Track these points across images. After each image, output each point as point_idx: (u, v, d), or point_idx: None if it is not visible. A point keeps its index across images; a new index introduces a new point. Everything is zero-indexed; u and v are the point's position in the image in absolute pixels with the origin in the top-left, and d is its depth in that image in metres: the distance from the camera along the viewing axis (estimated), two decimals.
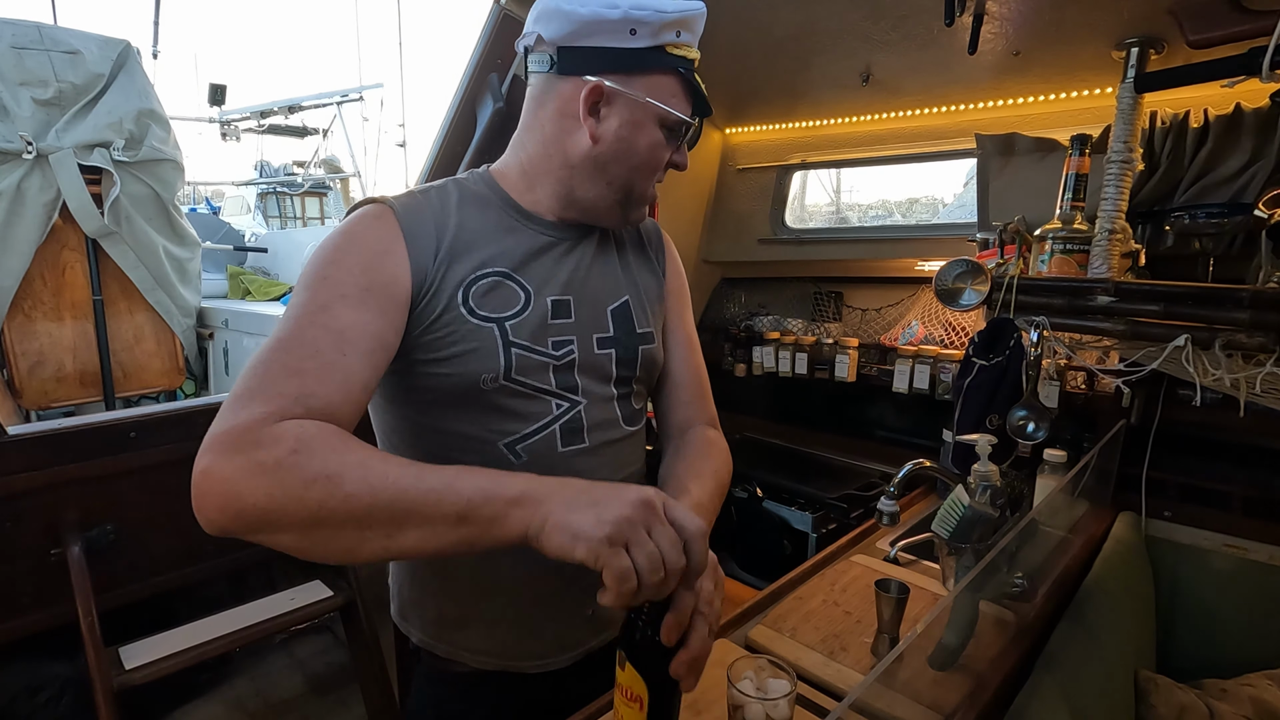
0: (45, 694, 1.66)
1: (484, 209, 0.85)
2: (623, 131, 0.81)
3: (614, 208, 0.87)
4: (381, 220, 0.77)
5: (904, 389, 1.98)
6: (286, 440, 0.59)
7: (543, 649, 0.89)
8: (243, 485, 0.58)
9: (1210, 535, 1.51)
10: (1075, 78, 1.59)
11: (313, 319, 0.68)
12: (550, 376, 0.82)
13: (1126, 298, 1.22)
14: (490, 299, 0.79)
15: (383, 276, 0.74)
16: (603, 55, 0.79)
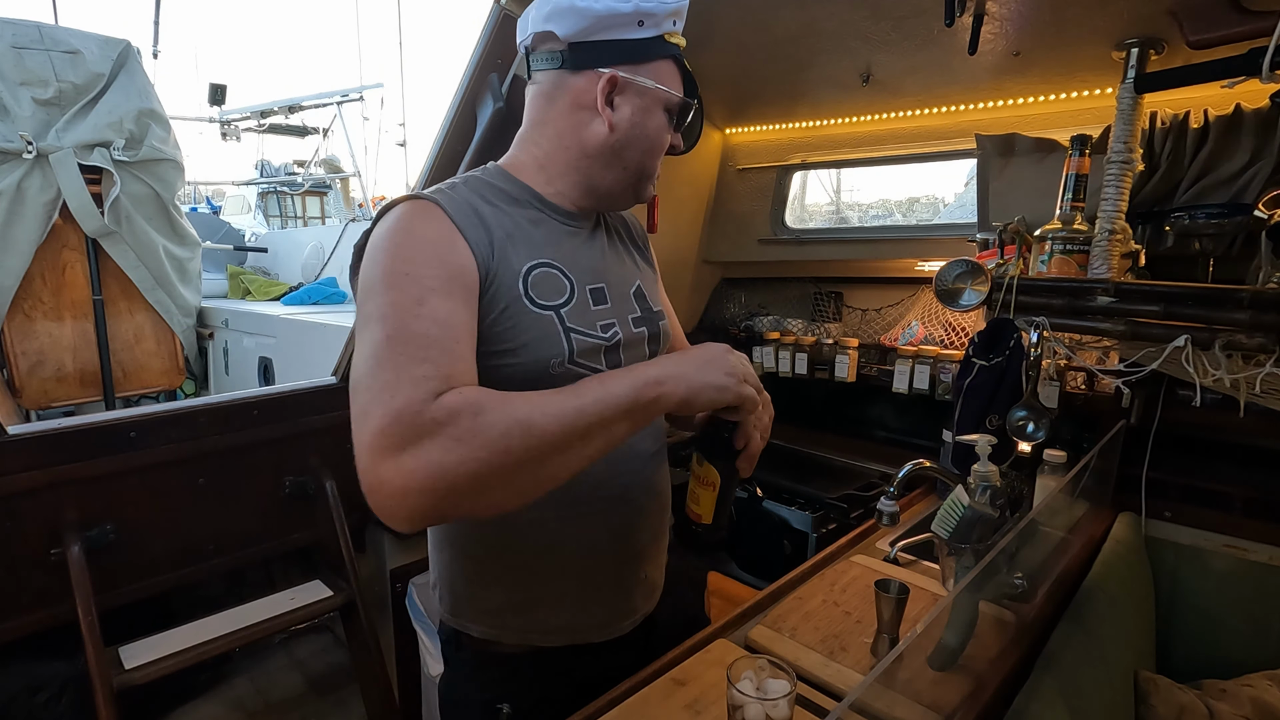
0: (45, 693, 1.66)
1: (514, 203, 0.87)
2: (635, 118, 0.86)
3: (628, 190, 0.92)
4: (433, 215, 0.79)
5: (904, 389, 1.98)
6: (462, 408, 0.63)
7: (605, 618, 0.95)
8: (447, 463, 0.61)
9: (1210, 536, 1.51)
10: (1075, 78, 1.59)
11: (414, 313, 0.70)
12: (602, 358, 0.88)
13: (1126, 298, 1.22)
14: (544, 289, 0.84)
15: (455, 268, 0.76)
16: (616, 47, 0.84)
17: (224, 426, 1.65)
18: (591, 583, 0.92)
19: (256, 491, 1.75)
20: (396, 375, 0.65)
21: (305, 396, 1.78)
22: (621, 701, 0.91)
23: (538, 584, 0.91)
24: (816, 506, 1.94)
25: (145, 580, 1.60)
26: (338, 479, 1.80)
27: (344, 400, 0.68)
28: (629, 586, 0.96)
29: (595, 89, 0.84)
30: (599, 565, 0.92)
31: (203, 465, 1.64)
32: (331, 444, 1.84)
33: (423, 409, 0.62)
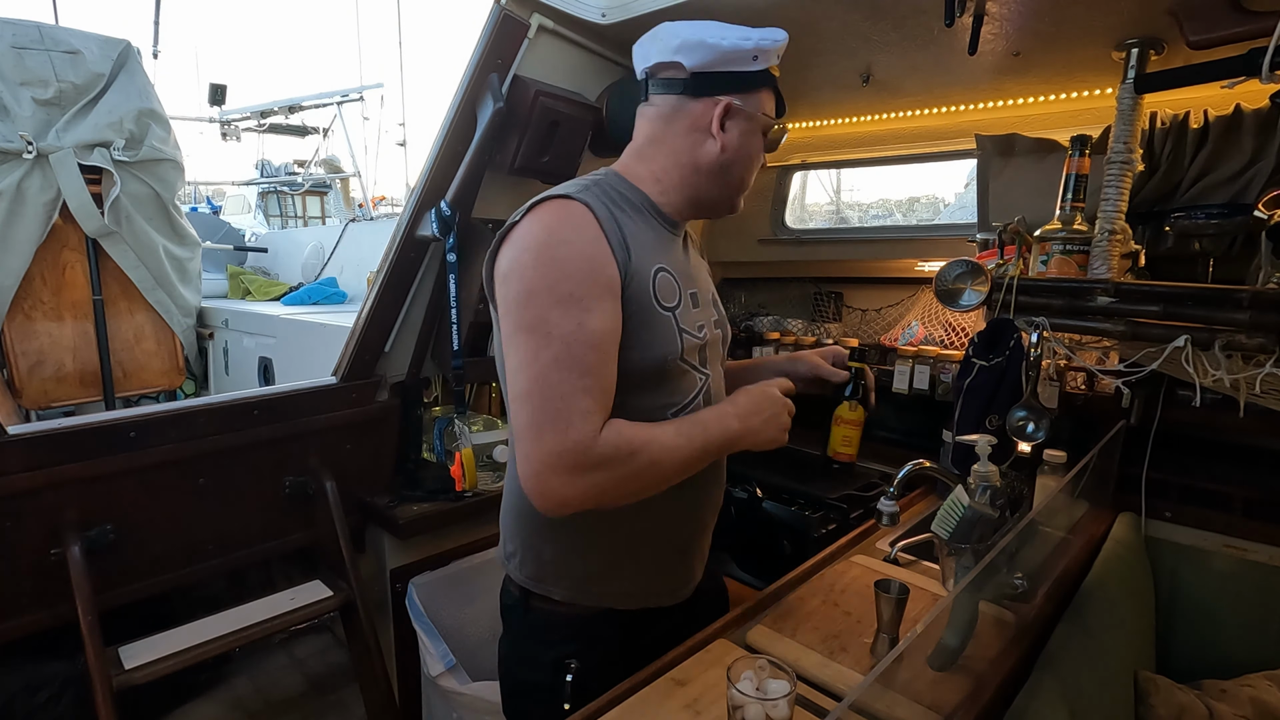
0: (45, 693, 1.66)
1: (637, 211, 0.97)
2: (742, 140, 0.99)
3: (727, 202, 1.04)
4: (585, 222, 0.89)
5: (904, 389, 1.98)
6: (622, 452, 0.83)
7: (674, 585, 1.07)
8: (605, 490, 0.84)
9: (1210, 536, 1.51)
10: (1075, 78, 1.59)
11: (574, 338, 0.84)
12: (697, 355, 1.00)
13: (1126, 298, 1.22)
14: (665, 292, 0.95)
15: (604, 278, 0.87)
16: (733, 78, 0.97)
17: (224, 426, 1.65)
18: (664, 553, 1.05)
19: (256, 492, 1.75)
20: (567, 406, 0.82)
21: (305, 396, 1.78)
22: (621, 701, 0.91)
23: (619, 555, 1.01)
24: (817, 506, 1.94)
25: (145, 580, 1.60)
26: (338, 479, 1.80)
27: (344, 400, 0.69)
28: (693, 557, 1.09)
29: (712, 113, 0.96)
30: (673, 538, 1.05)
31: (203, 465, 1.64)
32: (331, 444, 1.83)
33: (590, 446, 0.81)
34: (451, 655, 1.66)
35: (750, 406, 0.95)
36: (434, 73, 20.33)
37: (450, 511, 1.84)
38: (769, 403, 0.97)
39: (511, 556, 1.06)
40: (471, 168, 1.61)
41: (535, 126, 1.60)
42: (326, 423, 1.81)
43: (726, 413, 0.94)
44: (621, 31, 1.54)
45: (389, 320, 1.83)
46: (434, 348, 1.94)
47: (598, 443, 0.81)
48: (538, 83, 1.59)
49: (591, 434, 0.81)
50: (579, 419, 0.81)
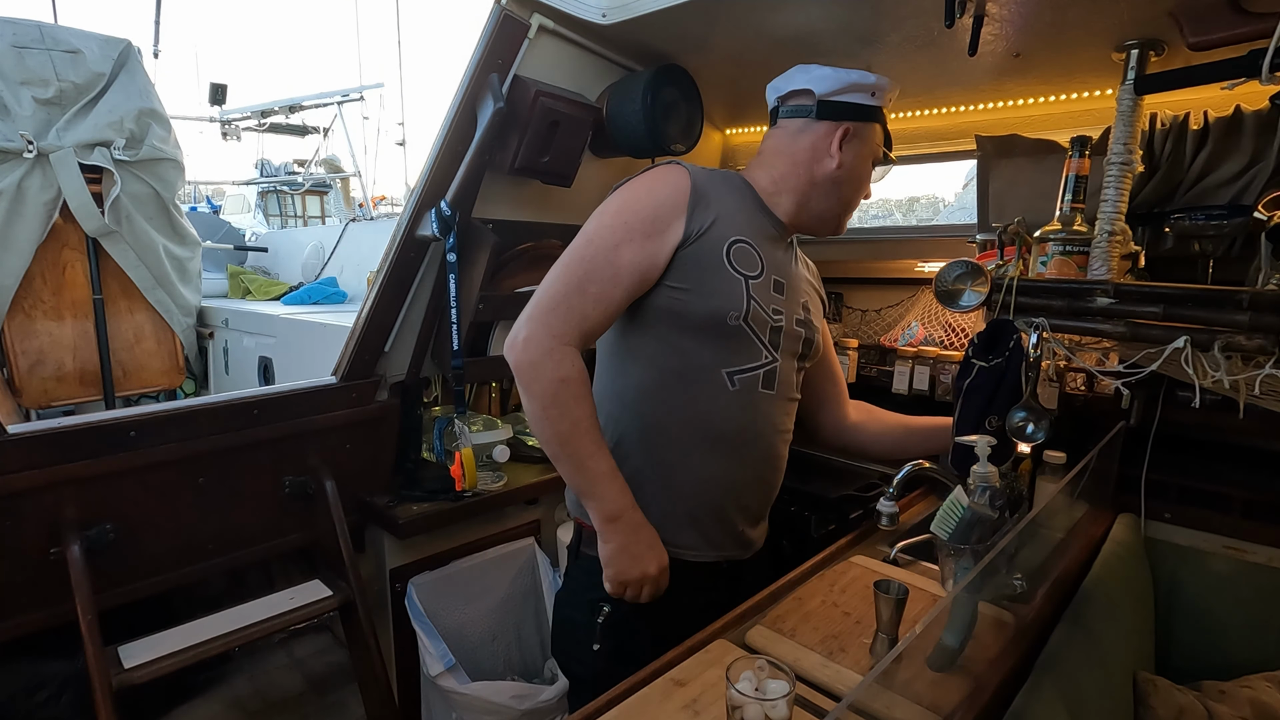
0: (44, 692, 1.66)
1: (742, 198, 1.15)
2: (855, 162, 1.16)
3: (835, 217, 1.19)
4: (679, 176, 1.07)
5: (904, 390, 1.98)
6: (564, 367, 0.99)
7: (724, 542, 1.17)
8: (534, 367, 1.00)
9: (1210, 537, 1.51)
10: (1075, 79, 1.59)
11: (603, 254, 1.02)
12: (768, 332, 1.11)
13: (1126, 299, 1.22)
14: (742, 260, 1.08)
15: (663, 224, 1.04)
16: (854, 108, 1.15)
17: (224, 426, 1.65)
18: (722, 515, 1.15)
19: (256, 491, 1.75)
20: (567, 293, 1.01)
21: (305, 396, 1.78)
22: (621, 701, 0.91)
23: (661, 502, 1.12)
24: (816, 507, 1.94)
25: (145, 579, 1.60)
26: (338, 479, 1.80)
27: (344, 400, 0.70)
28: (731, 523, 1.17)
29: (834, 135, 1.14)
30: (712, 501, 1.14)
31: (203, 465, 1.64)
32: (331, 444, 1.84)
33: (557, 339, 0.99)
34: (451, 655, 1.66)
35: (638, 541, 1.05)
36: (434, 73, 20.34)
37: (450, 511, 1.84)
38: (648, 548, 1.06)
39: (569, 492, 1.19)
40: (471, 168, 1.61)
41: (535, 127, 1.60)
42: (326, 422, 1.81)
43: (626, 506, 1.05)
44: (622, 31, 1.54)
45: (389, 320, 1.83)
46: (434, 348, 1.94)
47: (560, 346, 0.99)
48: (538, 83, 1.59)
49: (564, 331, 0.99)
50: (564, 312, 1.00)
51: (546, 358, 0.99)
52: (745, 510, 1.18)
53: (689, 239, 1.05)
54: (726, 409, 1.10)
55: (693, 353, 1.07)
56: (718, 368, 1.08)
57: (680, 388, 1.08)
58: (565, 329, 0.99)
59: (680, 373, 1.08)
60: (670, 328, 1.07)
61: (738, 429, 1.12)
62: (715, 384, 1.08)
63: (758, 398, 1.12)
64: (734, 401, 1.09)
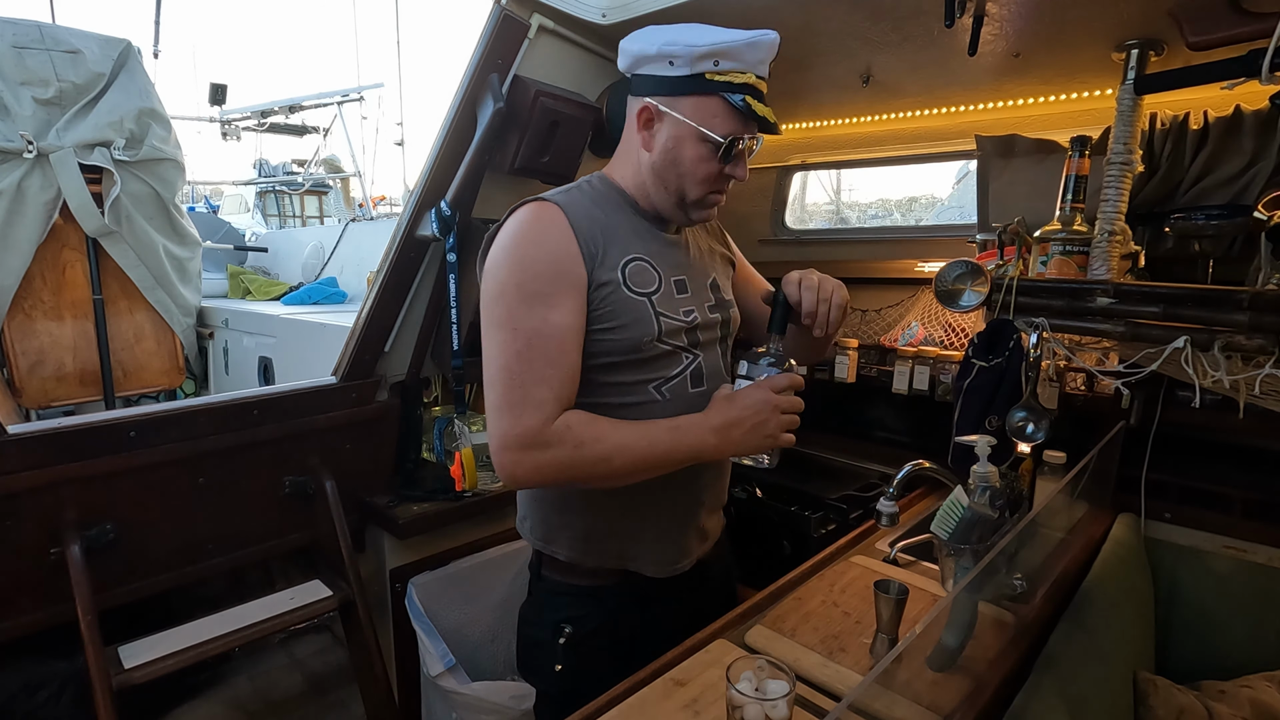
0: (44, 692, 1.66)
1: (617, 209, 1.05)
2: (668, 145, 0.99)
3: (675, 209, 1.05)
4: (556, 221, 0.97)
5: (904, 390, 1.98)
6: (569, 440, 0.91)
7: (670, 556, 1.10)
8: (545, 472, 0.92)
9: (1209, 537, 1.51)
10: (1075, 79, 1.59)
11: (538, 332, 0.93)
12: (683, 336, 1.05)
13: (1126, 299, 1.22)
14: (639, 279, 1.01)
15: (570, 275, 0.95)
16: (651, 81, 0.99)
17: (224, 426, 1.65)
18: (664, 522, 1.09)
19: (256, 491, 1.75)
20: (524, 394, 0.91)
21: (305, 396, 1.78)
22: (621, 701, 0.92)
23: (617, 517, 1.07)
24: (816, 507, 1.94)
25: (145, 580, 1.60)
26: (337, 479, 1.80)
27: (344, 400, 0.70)
28: (689, 532, 1.12)
29: (638, 117, 1.01)
30: (670, 509, 1.09)
31: (202, 465, 1.64)
32: (331, 444, 1.83)
33: (540, 431, 0.90)
34: (451, 655, 1.66)
35: (731, 417, 0.95)
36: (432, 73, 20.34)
37: (450, 511, 1.84)
38: (753, 412, 0.95)
39: (524, 520, 1.16)
40: (471, 168, 1.61)
41: (535, 126, 1.60)
42: (326, 422, 1.81)
43: (705, 424, 0.96)
44: (621, 32, 1.53)
45: (389, 320, 1.83)
46: (434, 348, 1.94)
47: (547, 430, 0.91)
48: (538, 83, 1.59)
49: (543, 420, 0.91)
50: (533, 407, 0.91)
51: (535, 471, 0.92)
52: (704, 505, 1.15)
53: (592, 278, 0.97)
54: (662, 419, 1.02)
55: (619, 381, 1.02)
56: (645, 385, 1.03)
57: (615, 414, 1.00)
58: (542, 423, 0.91)
59: (611, 402, 1.02)
60: (595, 370, 1.01)
61: None
62: (646, 400, 1.03)
63: (690, 398, 1.05)
64: (668, 410, 1.02)
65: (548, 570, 1.13)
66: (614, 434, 0.93)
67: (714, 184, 1.02)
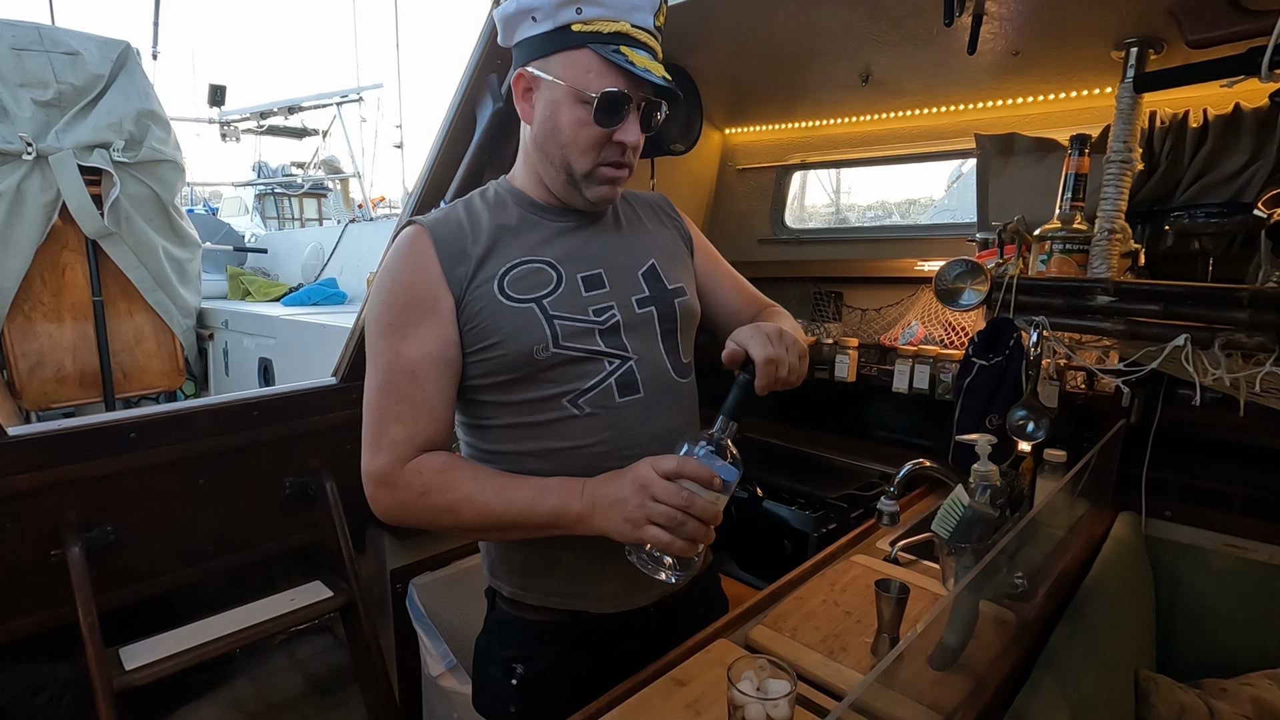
0: (45, 694, 1.66)
1: (503, 211, 0.96)
2: (545, 113, 0.89)
3: (566, 187, 0.93)
4: (417, 246, 0.90)
5: (904, 389, 1.98)
6: (414, 486, 0.86)
7: (619, 590, 0.98)
8: (395, 513, 0.88)
9: (1210, 535, 1.51)
10: (1074, 78, 1.59)
11: (391, 366, 0.88)
12: (597, 339, 0.92)
13: (1126, 298, 1.22)
14: (525, 284, 0.91)
15: (425, 301, 0.88)
16: (523, 47, 0.89)
17: (224, 427, 1.65)
18: (601, 554, 0.92)
19: (256, 492, 1.75)
20: (379, 432, 0.87)
21: (305, 397, 1.78)
22: (622, 701, 0.91)
23: (551, 549, 0.94)
24: (816, 506, 1.94)
25: (145, 581, 1.60)
26: (338, 480, 1.80)
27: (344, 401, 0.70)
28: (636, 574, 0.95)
29: (517, 90, 0.91)
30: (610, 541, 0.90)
31: (203, 466, 1.64)
32: (332, 445, 1.83)
33: (389, 473, 0.86)
34: (452, 655, 1.66)
35: (602, 488, 0.81)
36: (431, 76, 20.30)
37: None
38: (620, 486, 0.79)
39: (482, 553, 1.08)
40: (471, 168, 1.61)
41: None
42: (327, 423, 1.81)
43: (575, 487, 0.83)
44: None
45: None
46: None
47: (396, 471, 0.86)
48: None
49: (394, 461, 0.86)
50: (386, 446, 0.86)
51: (387, 510, 0.87)
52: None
53: (461, 297, 0.88)
54: (584, 438, 0.91)
55: (523, 399, 0.91)
56: (556, 398, 0.91)
57: (533, 436, 0.92)
58: (393, 464, 0.86)
59: (521, 423, 0.92)
60: (488, 390, 0.92)
61: (604, 453, 0.91)
62: (561, 416, 0.91)
63: (616, 410, 0.92)
64: (588, 426, 0.90)
65: (500, 601, 1.03)
66: (467, 485, 0.85)
67: (601, 151, 0.89)
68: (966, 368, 1.44)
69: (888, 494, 1.36)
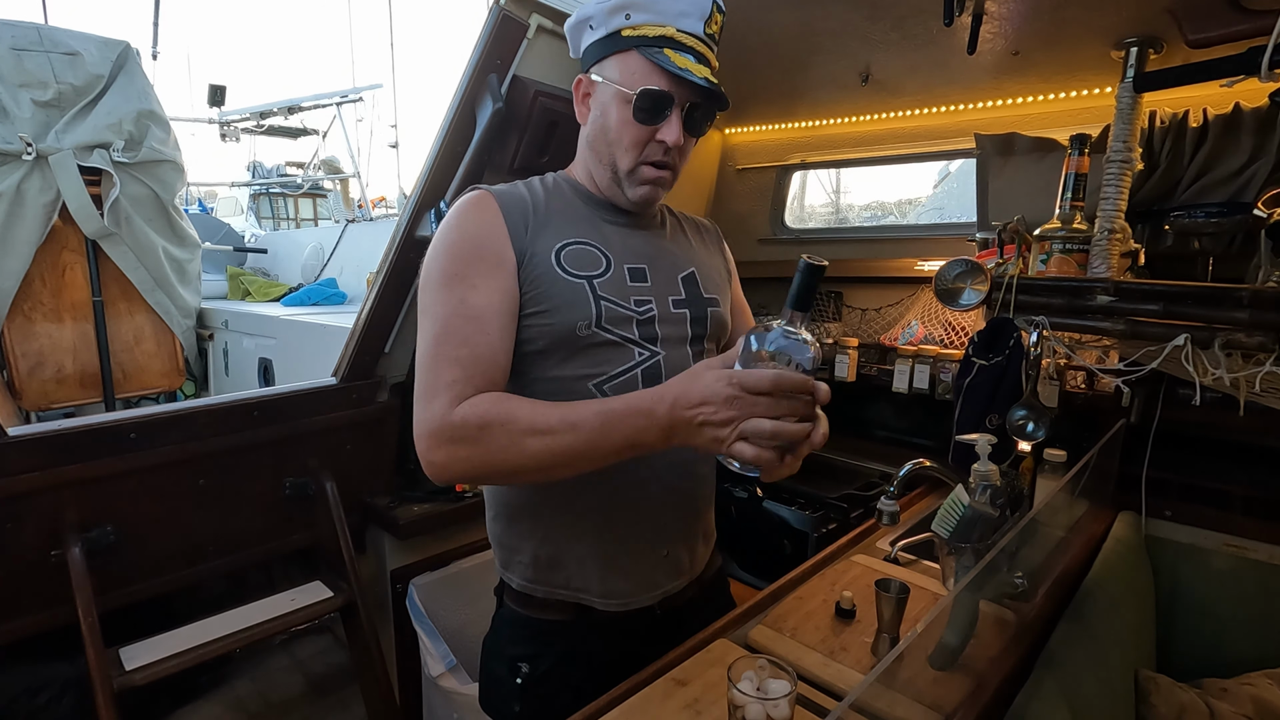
0: (46, 695, 1.66)
1: (560, 196, 0.99)
2: (597, 114, 0.95)
3: (612, 184, 0.97)
4: (483, 205, 0.92)
5: (904, 389, 1.98)
6: (470, 425, 0.80)
7: (627, 588, 0.98)
8: (454, 466, 0.82)
9: (1210, 534, 1.51)
10: (1074, 77, 1.59)
11: (454, 313, 0.86)
12: (634, 328, 0.94)
13: (1126, 297, 1.22)
14: (579, 261, 0.93)
15: (493, 255, 0.90)
16: (584, 55, 0.96)
17: (224, 428, 1.65)
18: (611, 550, 0.97)
19: (256, 492, 1.75)
20: (435, 378, 0.83)
21: (305, 397, 1.78)
22: (622, 701, 0.91)
23: (563, 541, 0.97)
24: (816, 506, 1.94)
25: (146, 581, 1.60)
26: (338, 480, 1.80)
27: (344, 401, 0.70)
28: (650, 561, 0.99)
29: (578, 93, 0.97)
30: (618, 533, 0.97)
31: (203, 466, 1.64)
32: (332, 445, 1.83)
33: (446, 416, 0.81)
34: (452, 655, 1.66)
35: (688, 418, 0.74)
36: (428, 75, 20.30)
37: (450, 512, 1.84)
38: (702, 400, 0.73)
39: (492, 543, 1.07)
40: (471, 168, 1.61)
41: (534, 126, 1.60)
42: (327, 423, 1.81)
43: (654, 399, 0.77)
44: None
45: (389, 321, 1.83)
46: None
47: (454, 413, 0.81)
48: (537, 83, 1.59)
49: (449, 404, 0.81)
50: (442, 389, 0.83)
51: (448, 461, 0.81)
52: (662, 531, 0.99)
53: (522, 258, 0.90)
54: None
55: (554, 375, 0.92)
56: (582, 382, 0.91)
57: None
58: (447, 405, 0.81)
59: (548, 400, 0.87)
60: (527, 359, 0.92)
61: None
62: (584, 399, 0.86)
63: None
64: None
65: (508, 597, 1.03)
66: (523, 415, 0.79)
67: (643, 150, 0.92)
68: (966, 367, 1.44)
69: (888, 494, 1.36)
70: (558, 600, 0.98)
